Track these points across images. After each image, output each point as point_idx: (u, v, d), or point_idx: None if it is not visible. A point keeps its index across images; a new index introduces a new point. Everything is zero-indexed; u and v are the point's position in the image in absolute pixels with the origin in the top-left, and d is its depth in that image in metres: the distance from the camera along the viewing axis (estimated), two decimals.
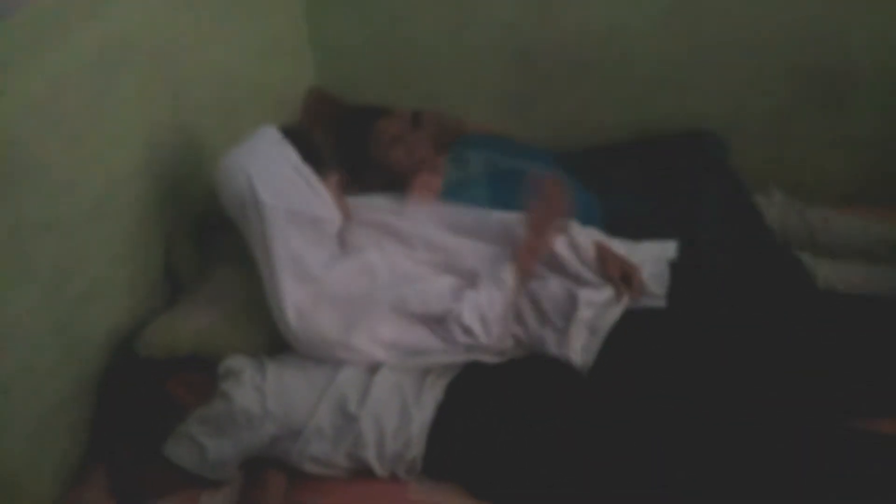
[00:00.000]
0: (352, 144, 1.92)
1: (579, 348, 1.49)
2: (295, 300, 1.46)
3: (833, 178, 2.16)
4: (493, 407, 1.42)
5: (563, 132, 2.24)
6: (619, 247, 1.64)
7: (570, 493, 1.33)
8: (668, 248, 1.66)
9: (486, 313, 1.46)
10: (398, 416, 1.39)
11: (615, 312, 1.52)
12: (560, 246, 1.60)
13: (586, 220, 1.70)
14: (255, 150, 1.49)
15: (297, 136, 1.54)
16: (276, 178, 1.46)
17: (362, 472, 1.40)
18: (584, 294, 1.52)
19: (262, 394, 1.38)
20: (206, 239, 1.74)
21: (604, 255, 1.59)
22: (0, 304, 1.21)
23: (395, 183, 1.86)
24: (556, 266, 1.60)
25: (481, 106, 2.25)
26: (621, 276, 1.55)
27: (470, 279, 1.54)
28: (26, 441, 1.30)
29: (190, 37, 1.68)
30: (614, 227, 1.73)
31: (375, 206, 1.72)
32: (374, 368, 1.47)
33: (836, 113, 2.10)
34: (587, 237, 1.63)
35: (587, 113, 2.22)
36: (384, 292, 1.49)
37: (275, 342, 1.56)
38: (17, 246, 1.23)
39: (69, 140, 1.32)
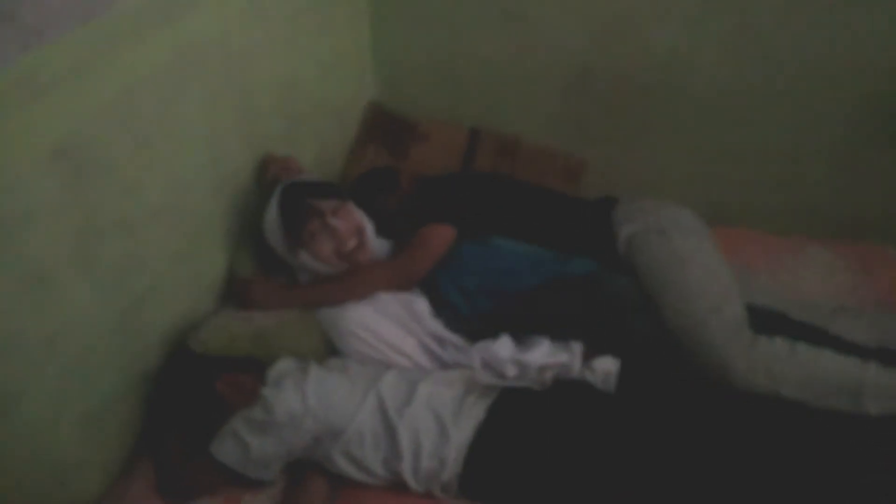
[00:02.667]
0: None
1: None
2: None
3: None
4: (534, 431, 1.41)
5: (617, 155, 2.23)
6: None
7: None
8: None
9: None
10: (435, 433, 1.40)
11: None
12: None
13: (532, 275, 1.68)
14: (264, 215, 1.68)
15: (288, 196, 1.67)
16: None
17: (399, 484, 1.40)
18: None
19: (302, 392, 1.40)
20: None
21: None
22: (63, 297, 1.26)
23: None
24: None
25: (539, 124, 2.25)
26: None
27: None
28: (79, 430, 1.35)
29: (260, 47, 1.73)
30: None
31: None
32: (414, 381, 1.48)
33: None
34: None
35: (644, 136, 2.20)
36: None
37: (326, 350, 1.60)
38: (85, 243, 1.28)
39: (139, 142, 1.37)
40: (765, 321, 1.60)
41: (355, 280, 1.66)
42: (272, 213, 1.67)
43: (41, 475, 1.29)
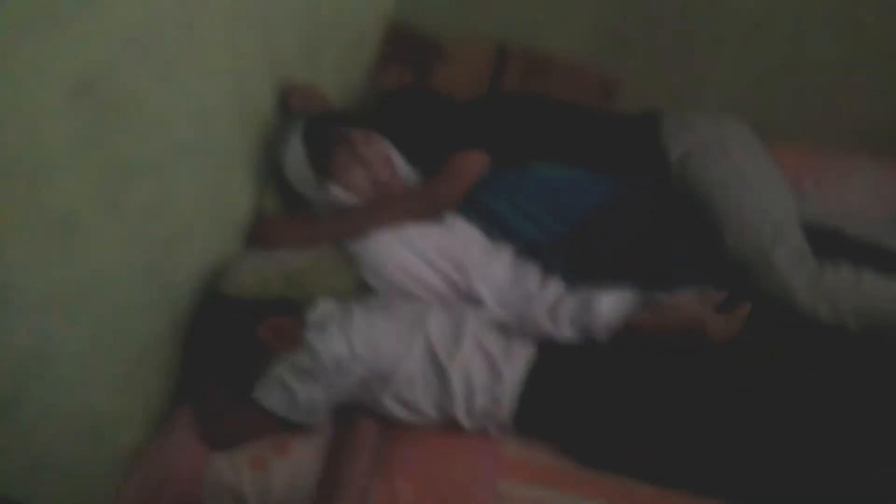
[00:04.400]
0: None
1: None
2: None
3: None
4: (588, 362, 1.35)
5: (655, 71, 2.11)
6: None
7: (668, 457, 1.27)
8: (629, 298, 1.42)
9: None
10: (487, 373, 1.35)
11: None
12: None
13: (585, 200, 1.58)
14: (283, 153, 1.60)
15: (311, 129, 1.59)
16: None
17: (452, 423, 1.36)
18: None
19: (349, 337, 1.34)
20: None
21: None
22: (93, 245, 1.18)
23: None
24: None
25: (570, 38, 2.13)
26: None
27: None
28: (119, 382, 1.30)
29: None
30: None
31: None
32: (460, 317, 1.42)
33: None
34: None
35: (684, 49, 2.08)
36: None
37: (361, 286, 1.53)
38: (111, 186, 1.19)
39: (161, 71, 1.26)
40: (823, 241, 1.53)
41: (381, 209, 1.58)
42: (296, 149, 1.57)
43: (81, 429, 1.24)
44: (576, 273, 1.50)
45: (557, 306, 1.42)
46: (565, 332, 1.39)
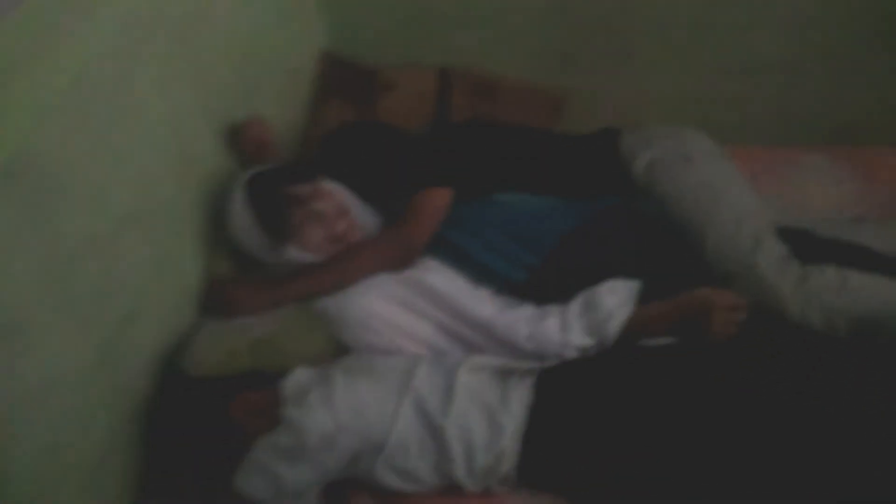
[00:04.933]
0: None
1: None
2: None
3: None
4: (589, 401, 1.29)
5: (602, 85, 2.08)
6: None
7: (687, 497, 1.22)
8: (632, 288, 1.44)
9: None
10: (486, 426, 1.26)
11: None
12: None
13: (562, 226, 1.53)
14: (229, 220, 1.49)
15: (255, 191, 1.48)
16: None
17: (453, 488, 1.27)
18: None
19: (332, 408, 1.24)
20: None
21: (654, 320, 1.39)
22: (40, 343, 1.04)
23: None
24: None
25: (514, 60, 2.06)
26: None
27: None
28: (78, 486, 1.16)
29: (207, 7, 1.47)
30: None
31: None
32: (450, 370, 1.33)
33: None
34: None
35: (630, 60, 2.05)
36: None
37: (337, 348, 1.43)
38: (54, 275, 1.06)
39: (95, 141, 1.14)
40: (798, 244, 1.52)
41: (349, 261, 1.48)
42: (241, 213, 1.46)
43: None
44: (557, 302, 1.45)
45: (563, 315, 1.38)
46: (578, 339, 1.36)
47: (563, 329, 1.37)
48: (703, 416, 1.24)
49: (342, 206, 1.53)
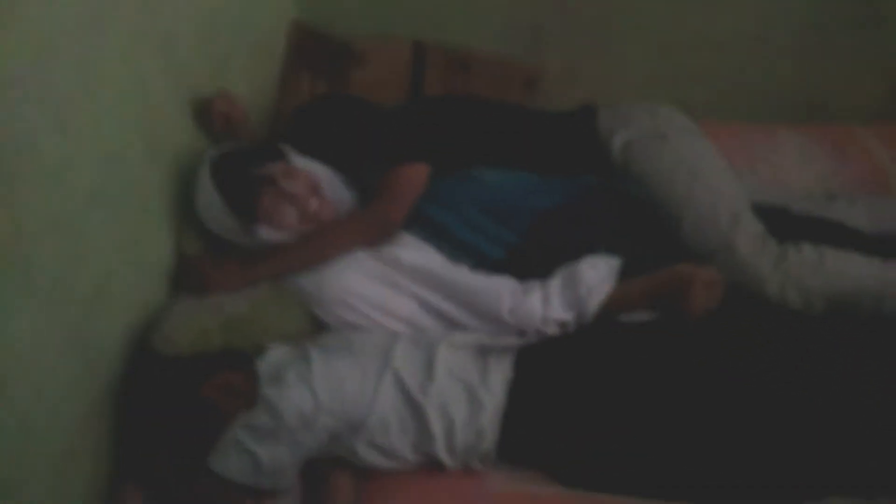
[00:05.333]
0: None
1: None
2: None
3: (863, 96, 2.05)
4: (570, 377, 1.29)
5: (575, 60, 2.06)
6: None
7: (666, 473, 1.23)
8: (612, 264, 1.44)
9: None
10: (466, 403, 1.25)
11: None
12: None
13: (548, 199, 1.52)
14: (196, 204, 1.46)
15: (221, 173, 1.44)
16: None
17: (433, 464, 1.26)
18: None
19: (311, 387, 1.22)
20: None
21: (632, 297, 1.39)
22: (5, 329, 1.01)
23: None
24: None
25: (488, 34, 2.04)
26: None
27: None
28: (50, 473, 1.13)
29: None
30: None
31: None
32: (430, 347, 1.32)
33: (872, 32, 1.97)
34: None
35: (603, 36, 2.04)
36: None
37: (313, 325, 1.41)
38: (18, 257, 1.02)
39: (59, 116, 1.09)
40: (774, 221, 1.52)
41: (324, 238, 1.45)
42: (209, 197, 1.43)
43: None
44: (535, 279, 1.44)
45: (544, 289, 1.37)
46: (559, 313, 1.35)
47: (543, 303, 1.36)
48: (682, 393, 1.25)
49: (314, 183, 1.49)
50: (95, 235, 1.20)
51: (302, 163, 1.51)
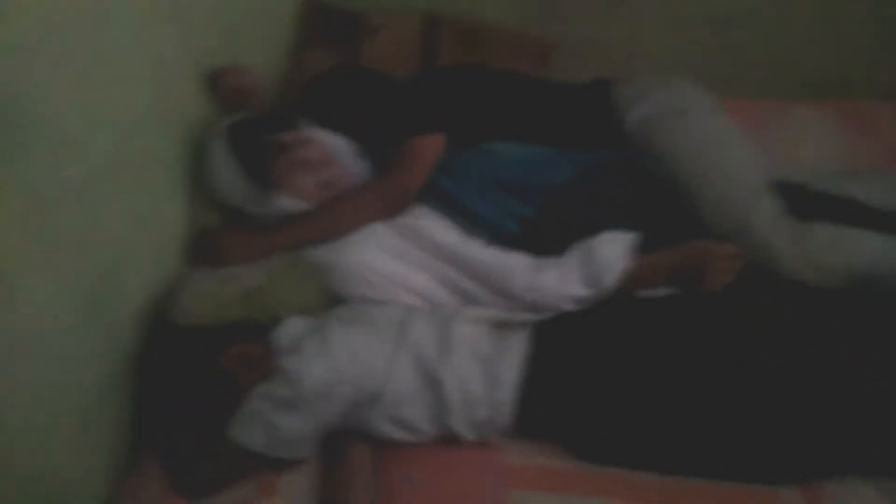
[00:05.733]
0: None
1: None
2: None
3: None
4: (586, 350, 1.28)
5: (589, 32, 2.03)
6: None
7: (681, 449, 1.22)
8: (629, 239, 1.42)
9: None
10: (484, 378, 1.25)
11: None
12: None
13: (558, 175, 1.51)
14: (210, 173, 1.44)
15: (237, 141, 1.43)
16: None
17: (450, 437, 1.26)
18: None
19: (329, 358, 1.22)
20: None
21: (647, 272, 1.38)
22: (22, 294, 1.01)
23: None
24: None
25: (500, 5, 2.01)
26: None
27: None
28: (71, 442, 1.14)
29: None
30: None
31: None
32: (446, 321, 1.32)
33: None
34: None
35: (618, 7, 2.01)
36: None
37: (329, 297, 1.40)
38: (35, 224, 1.02)
39: (73, 84, 1.08)
40: (792, 199, 1.51)
41: (340, 208, 1.45)
42: (226, 163, 1.42)
43: (37, 501, 1.08)
44: (550, 254, 1.43)
45: (560, 266, 1.36)
46: (576, 290, 1.35)
47: (559, 280, 1.35)
48: (697, 369, 1.24)
49: (328, 153, 1.49)
50: (112, 206, 1.20)
51: (316, 132, 1.50)
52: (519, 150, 1.56)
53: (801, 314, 1.31)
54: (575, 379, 1.26)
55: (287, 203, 1.44)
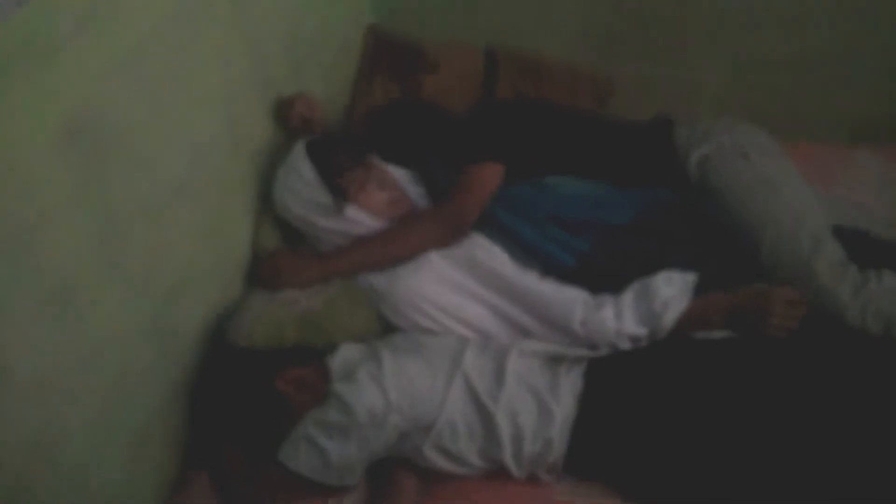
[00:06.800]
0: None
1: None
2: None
3: None
4: (640, 392, 1.26)
5: (648, 71, 2.04)
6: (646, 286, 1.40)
7: (733, 493, 1.19)
8: (689, 279, 1.41)
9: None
10: (536, 413, 1.24)
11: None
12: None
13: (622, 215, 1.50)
14: (284, 182, 1.48)
15: (316, 151, 1.47)
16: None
17: (499, 472, 1.25)
18: None
19: (382, 386, 1.22)
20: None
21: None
22: (92, 309, 1.04)
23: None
24: None
25: (561, 41, 2.02)
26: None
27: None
28: (126, 455, 1.15)
29: None
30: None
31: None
32: (500, 353, 1.31)
33: None
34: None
35: (678, 47, 2.00)
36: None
37: (383, 325, 1.41)
38: (108, 239, 1.05)
39: (153, 106, 1.12)
40: (857, 246, 1.48)
41: (398, 235, 1.45)
42: (304, 172, 1.44)
43: None
44: (605, 291, 1.42)
45: (617, 303, 1.35)
46: (632, 328, 1.33)
47: (616, 317, 1.34)
48: (756, 414, 1.22)
49: (392, 179, 1.52)
50: (181, 225, 1.23)
51: (381, 162, 1.53)
52: (578, 185, 1.56)
53: (860, 364, 1.28)
54: (627, 418, 1.24)
55: (357, 215, 1.45)
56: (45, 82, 0.89)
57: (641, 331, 1.34)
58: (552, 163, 1.60)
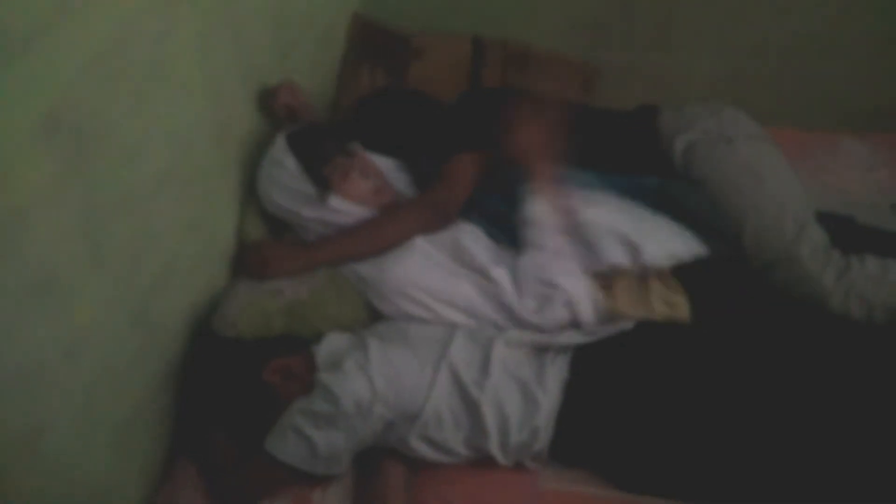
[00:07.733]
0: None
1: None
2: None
3: None
4: (625, 379, 1.27)
5: (635, 60, 2.04)
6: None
7: (720, 480, 1.20)
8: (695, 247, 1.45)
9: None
10: (522, 402, 1.25)
11: None
12: None
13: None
14: (267, 173, 1.47)
15: (297, 142, 1.46)
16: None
17: (485, 460, 1.26)
18: None
19: (368, 375, 1.22)
20: None
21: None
22: (76, 300, 1.04)
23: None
24: None
25: (548, 29, 2.02)
26: None
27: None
28: (113, 445, 1.16)
29: None
30: None
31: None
32: (486, 343, 1.32)
33: None
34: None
35: (665, 36, 2.01)
36: None
37: (369, 314, 1.41)
38: (91, 230, 1.05)
39: (134, 96, 1.11)
40: (841, 231, 1.49)
41: (383, 224, 1.45)
42: (286, 163, 1.44)
43: (77, 502, 1.10)
44: None
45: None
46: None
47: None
48: (740, 400, 1.23)
49: (375, 168, 1.51)
50: (165, 215, 1.23)
51: (365, 152, 1.53)
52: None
53: (843, 349, 1.29)
54: (613, 406, 1.25)
55: (341, 204, 1.45)
56: (23, 73, 0.88)
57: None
58: None
